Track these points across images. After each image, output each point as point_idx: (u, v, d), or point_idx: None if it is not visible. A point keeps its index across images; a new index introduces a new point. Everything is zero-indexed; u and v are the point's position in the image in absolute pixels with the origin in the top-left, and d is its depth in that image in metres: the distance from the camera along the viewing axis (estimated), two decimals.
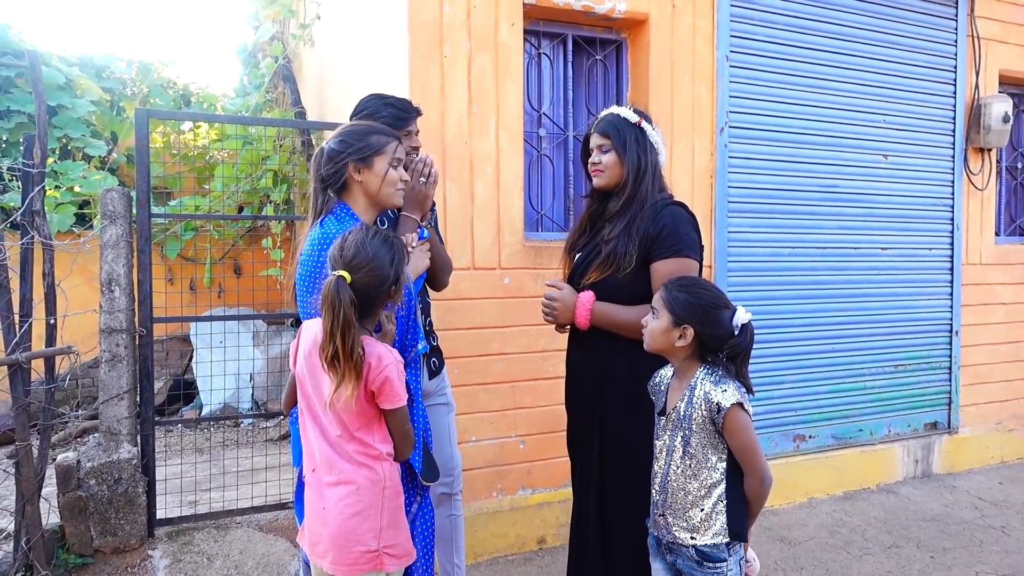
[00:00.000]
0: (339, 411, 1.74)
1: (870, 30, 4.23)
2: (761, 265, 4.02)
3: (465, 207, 3.28)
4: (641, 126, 2.27)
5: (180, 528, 3.23)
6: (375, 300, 1.76)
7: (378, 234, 1.79)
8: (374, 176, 1.98)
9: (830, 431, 4.26)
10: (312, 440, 1.82)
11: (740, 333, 1.86)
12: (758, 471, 1.83)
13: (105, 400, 3.00)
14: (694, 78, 3.78)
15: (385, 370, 1.72)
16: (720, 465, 1.86)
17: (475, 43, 3.27)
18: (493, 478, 3.39)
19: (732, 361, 1.88)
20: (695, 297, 1.86)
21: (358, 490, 1.75)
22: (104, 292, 3.02)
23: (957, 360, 4.65)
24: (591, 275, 2.23)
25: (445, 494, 2.66)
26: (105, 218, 3.00)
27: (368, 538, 1.76)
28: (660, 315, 1.89)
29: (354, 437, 1.76)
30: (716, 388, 1.83)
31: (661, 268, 2.13)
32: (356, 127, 2.02)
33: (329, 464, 1.78)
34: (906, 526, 3.84)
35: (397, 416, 1.80)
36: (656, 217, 2.17)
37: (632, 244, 2.15)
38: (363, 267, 1.71)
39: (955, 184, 4.59)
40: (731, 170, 3.88)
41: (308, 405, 1.82)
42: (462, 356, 3.26)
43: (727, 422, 1.81)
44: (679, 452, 1.88)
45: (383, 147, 1.99)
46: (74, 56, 7.56)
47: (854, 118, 4.23)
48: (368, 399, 1.75)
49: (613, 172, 2.27)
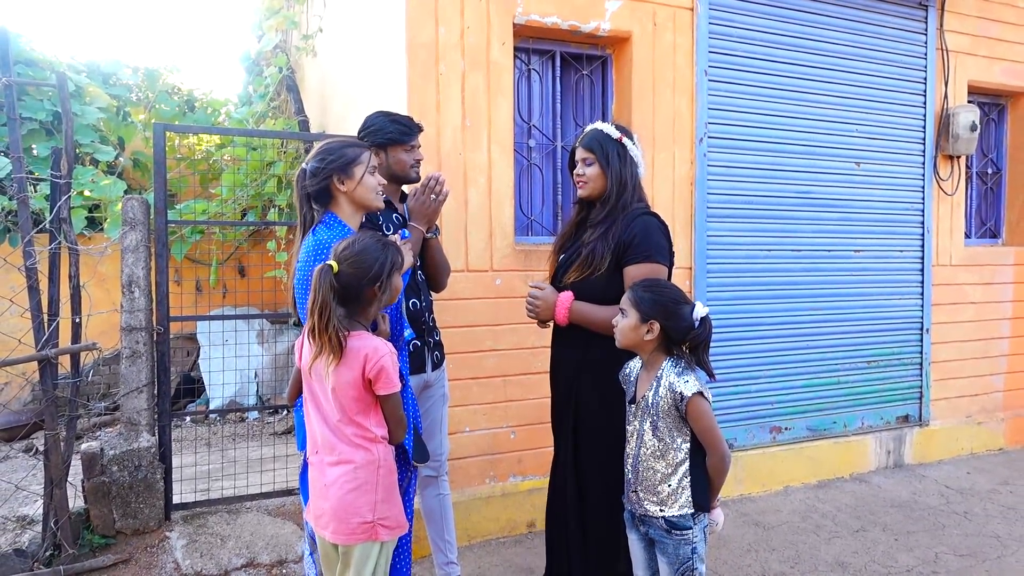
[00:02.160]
0: (340, 398, 1.99)
1: (843, 44, 4.48)
2: (739, 267, 4.27)
3: (459, 214, 3.52)
4: (623, 141, 2.51)
5: (195, 512, 3.47)
6: (358, 291, 1.99)
7: (374, 238, 2.05)
8: (355, 183, 2.23)
9: (805, 423, 4.51)
10: (315, 425, 2.06)
11: (700, 325, 2.11)
12: (718, 449, 2.09)
13: (126, 393, 3.25)
14: (675, 91, 4.02)
15: (381, 360, 1.96)
16: (684, 446, 2.12)
17: (469, 62, 3.51)
18: (486, 466, 3.64)
19: (694, 352, 2.14)
20: (658, 295, 2.12)
21: (356, 468, 1.99)
22: (125, 293, 3.26)
23: (928, 356, 4.89)
24: (571, 275, 2.49)
25: (431, 476, 2.91)
26: (125, 224, 3.24)
27: (364, 511, 2.00)
28: (629, 314, 2.14)
29: (352, 421, 2.00)
30: (680, 379, 2.08)
31: (632, 272, 2.38)
32: (330, 144, 2.27)
33: (330, 446, 2.02)
34: (874, 512, 4.09)
35: (391, 402, 2.03)
36: (630, 225, 2.42)
37: (607, 249, 2.40)
38: (348, 259, 1.97)
39: (925, 190, 4.84)
40: (710, 178, 4.13)
41: (312, 395, 2.07)
42: (457, 352, 3.50)
43: (690, 409, 2.06)
44: (648, 435, 2.13)
45: (359, 157, 2.24)
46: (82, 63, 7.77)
47: (828, 128, 4.48)
48: (365, 387, 1.99)
49: (596, 184, 2.52)
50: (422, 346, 2.76)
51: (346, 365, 1.97)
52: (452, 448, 3.31)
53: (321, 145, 2.28)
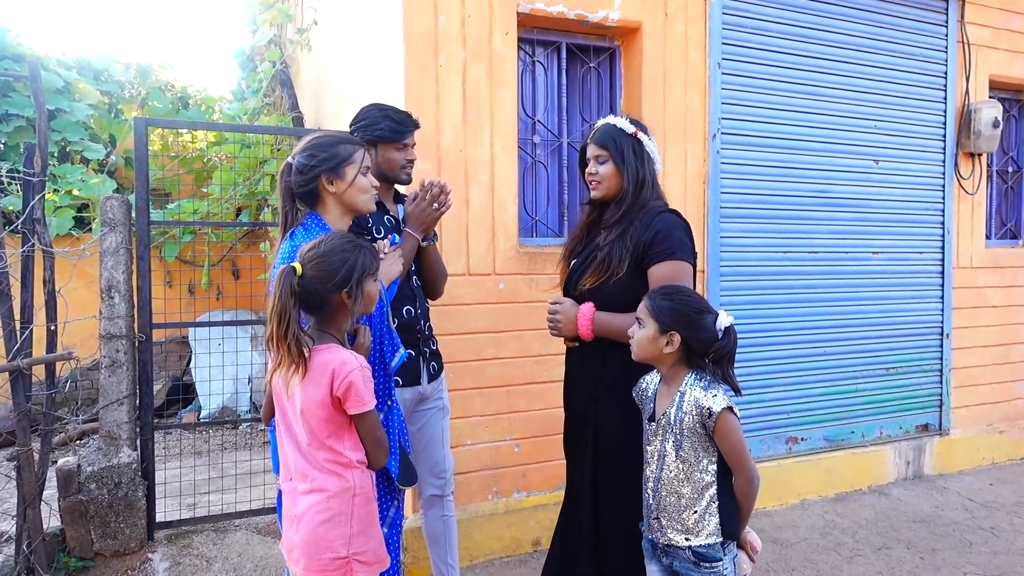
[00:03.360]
0: (308, 419, 1.79)
1: (861, 37, 4.28)
2: (753, 269, 4.07)
3: (460, 214, 3.33)
4: (638, 136, 2.31)
5: (179, 531, 3.27)
6: (322, 297, 1.80)
7: (344, 238, 1.86)
8: (346, 185, 2.03)
9: (822, 433, 4.31)
10: (287, 450, 1.87)
11: (724, 336, 1.92)
12: (746, 470, 1.90)
13: (105, 405, 3.05)
14: (687, 85, 3.82)
15: (349, 375, 1.76)
16: (711, 467, 1.92)
17: (470, 53, 3.31)
18: (488, 481, 3.44)
19: (717, 364, 1.94)
20: (679, 303, 1.92)
21: (328, 498, 1.80)
22: (104, 298, 3.06)
23: (948, 363, 4.70)
24: (586, 280, 2.28)
25: (436, 495, 2.71)
26: (105, 225, 3.04)
27: (337, 544, 1.80)
28: (646, 324, 1.94)
29: (324, 445, 1.80)
30: (706, 393, 1.89)
31: (656, 271, 2.18)
32: (322, 139, 2.06)
33: (303, 473, 1.83)
34: (896, 527, 3.89)
35: (366, 422, 1.83)
36: (650, 224, 2.22)
37: (625, 251, 2.20)
38: (312, 260, 1.79)
39: (946, 188, 4.64)
40: (723, 176, 3.93)
41: (283, 415, 1.87)
42: (457, 361, 3.30)
43: (719, 426, 1.87)
44: (671, 456, 1.93)
45: (351, 156, 2.04)
46: (72, 59, 7.58)
47: (846, 124, 4.28)
48: (335, 406, 1.79)
49: (611, 183, 2.31)
50: (417, 356, 2.56)
51: (312, 382, 1.77)
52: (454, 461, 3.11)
53: (310, 139, 2.07)
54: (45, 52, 7.28)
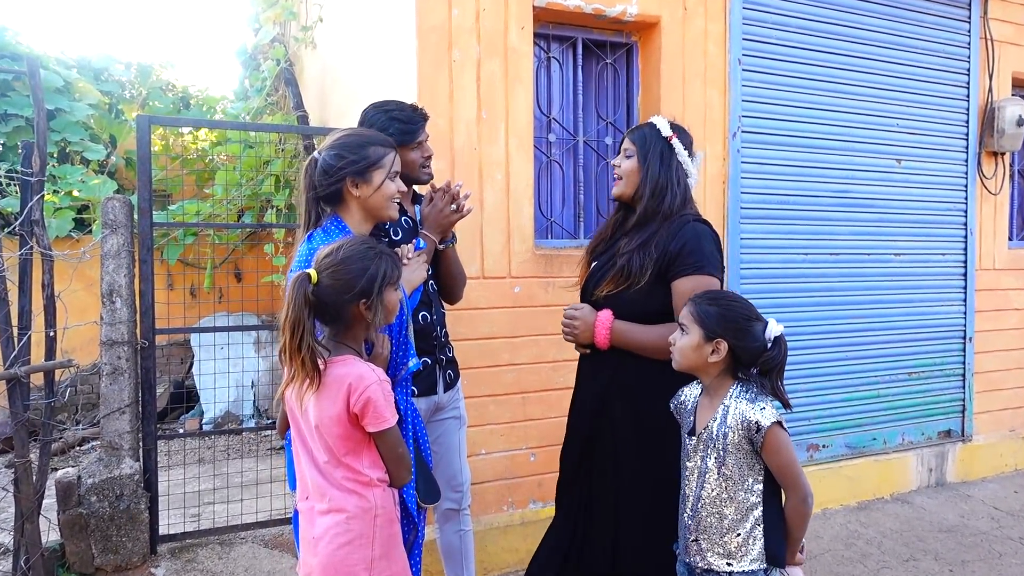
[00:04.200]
0: (324, 435, 1.67)
1: (883, 32, 4.16)
2: (774, 272, 3.95)
3: (474, 215, 3.20)
4: (671, 142, 2.20)
5: (184, 544, 3.15)
6: (338, 306, 1.69)
7: (364, 244, 1.74)
8: (372, 190, 1.91)
9: (844, 440, 4.19)
10: (304, 467, 1.75)
11: (773, 346, 1.80)
12: (800, 489, 1.78)
13: (106, 414, 2.93)
14: (706, 82, 3.70)
15: (367, 390, 1.65)
16: (757, 487, 1.80)
17: (484, 47, 3.20)
18: (503, 491, 3.32)
19: (765, 376, 1.82)
20: (726, 309, 1.80)
21: (348, 519, 1.68)
22: (105, 303, 2.94)
23: (971, 367, 4.58)
24: (604, 287, 2.16)
25: (452, 510, 2.59)
26: (106, 227, 2.92)
27: (359, 569, 1.68)
28: (690, 330, 1.82)
29: (341, 463, 1.69)
30: (753, 406, 1.77)
31: (682, 285, 2.07)
32: (351, 138, 1.94)
33: (320, 492, 1.71)
34: (922, 538, 3.77)
35: (387, 439, 1.72)
36: (678, 234, 2.10)
37: (649, 259, 2.08)
38: (328, 268, 1.68)
39: (968, 188, 4.52)
40: (744, 176, 3.81)
41: (298, 430, 1.75)
42: (471, 367, 3.18)
43: (768, 441, 1.75)
44: (713, 474, 1.81)
45: (381, 160, 1.92)
46: (72, 59, 7.48)
47: (867, 122, 4.16)
48: (352, 422, 1.68)
49: (630, 180, 2.21)
50: (433, 364, 2.44)
51: (328, 397, 1.65)
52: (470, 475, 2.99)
53: (340, 137, 1.94)
54: (45, 51, 7.17)
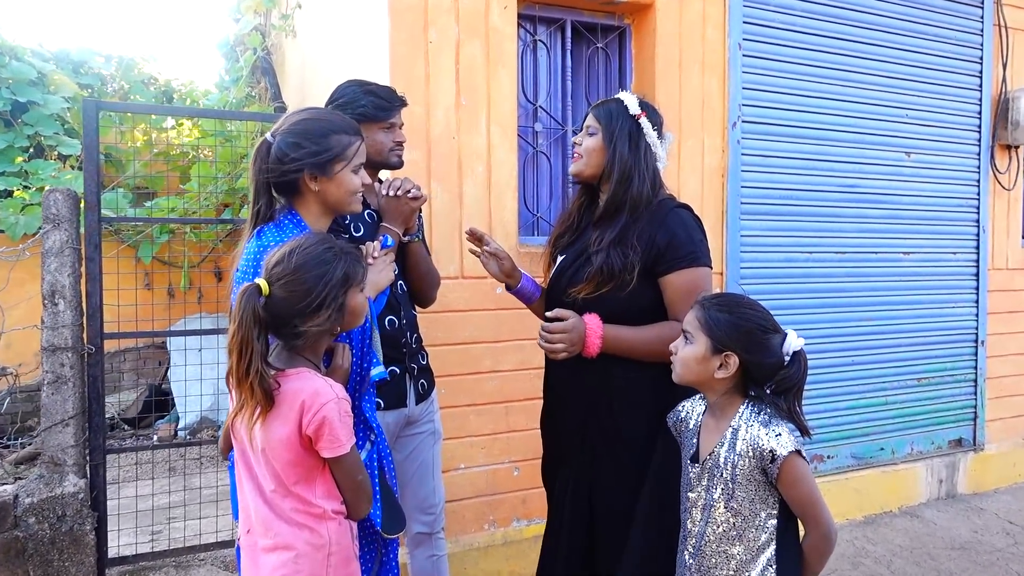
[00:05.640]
0: (272, 460, 1.43)
1: (892, 18, 3.92)
2: (776, 271, 3.71)
3: (453, 210, 2.96)
4: (640, 121, 1.96)
5: (136, 567, 2.90)
6: (293, 321, 1.45)
7: (320, 243, 1.48)
8: (333, 185, 1.66)
9: (850, 450, 3.95)
10: (247, 496, 1.50)
11: (791, 363, 1.55)
12: (823, 524, 1.54)
13: (48, 427, 2.67)
14: (704, 68, 3.46)
15: (323, 409, 1.41)
16: (770, 523, 1.55)
17: (464, 28, 2.95)
18: (484, 509, 3.07)
19: (780, 396, 1.56)
20: (739, 318, 1.55)
21: (297, 558, 1.44)
22: (46, 305, 2.69)
23: (983, 371, 4.34)
24: (582, 288, 1.90)
25: (424, 533, 2.34)
26: (47, 222, 2.67)
27: None
28: (696, 340, 1.57)
29: (291, 492, 1.45)
30: (767, 432, 1.52)
31: (677, 280, 1.85)
32: (312, 123, 1.68)
33: (265, 525, 1.47)
34: (934, 556, 3.52)
35: (344, 466, 1.48)
36: (663, 223, 1.88)
37: (634, 256, 1.85)
38: (282, 278, 1.43)
39: (980, 183, 4.28)
40: (744, 169, 3.57)
41: (242, 453, 1.51)
42: (450, 375, 2.94)
43: (784, 473, 1.50)
44: (719, 508, 1.56)
45: (344, 151, 1.67)
46: (50, 51, 7.24)
47: (875, 112, 3.92)
48: (305, 445, 1.44)
49: (592, 159, 1.98)
50: (402, 373, 2.19)
51: (277, 416, 1.41)
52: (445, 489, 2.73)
53: (299, 120, 1.68)
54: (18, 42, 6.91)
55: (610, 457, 1.92)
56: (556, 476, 2.09)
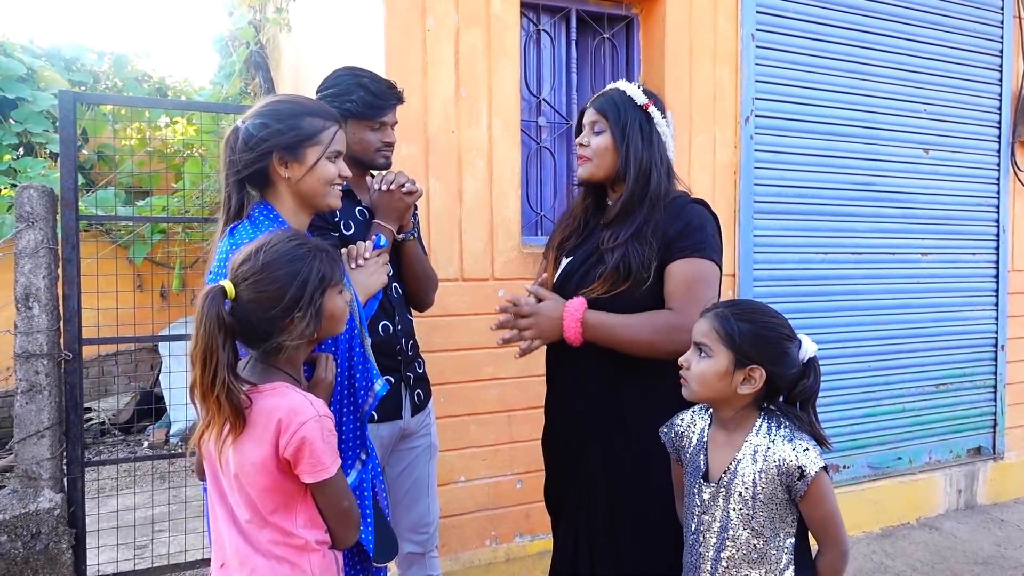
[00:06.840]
0: (246, 487, 1.27)
1: (909, 9, 3.76)
2: (790, 273, 3.55)
3: (452, 208, 2.80)
4: (648, 111, 1.80)
5: None
6: (265, 325, 1.29)
7: (290, 240, 1.33)
8: (303, 171, 1.50)
9: (866, 460, 3.78)
10: (221, 526, 1.35)
11: (808, 371, 1.42)
12: (842, 544, 1.43)
13: (22, 439, 2.52)
14: (715, 60, 3.30)
15: (302, 429, 1.25)
16: (789, 542, 1.43)
17: (463, 15, 2.79)
18: (486, 524, 2.91)
19: (798, 407, 1.43)
20: (763, 327, 1.40)
21: None
22: (20, 309, 2.54)
23: (1003, 377, 4.18)
24: (595, 287, 1.73)
25: (416, 553, 2.18)
26: (21, 221, 2.52)
27: None
28: (715, 353, 1.41)
29: (268, 522, 1.30)
30: (792, 447, 1.38)
31: (677, 268, 1.70)
32: (282, 105, 1.52)
33: (241, 559, 1.31)
34: (956, 571, 3.36)
35: (328, 491, 1.33)
36: (679, 214, 1.74)
37: (650, 251, 1.69)
38: (248, 278, 1.27)
39: (1001, 181, 4.12)
40: (757, 165, 3.41)
41: (214, 478, 1.35)
42: (449, 382, 2.78)
43: (812, 491, 1.38)
44: (739, 529, 1.42)
45: (317, 135, 1.51)
46: (42, 47, 7.10)
47: (892, 107, 3.76)
48: (282, 469, 1.28)
49: (603, 161, 1.81)
50: (398, 383, 2.04)
51: (251, 437, 1.26)
52: (444, 503, 2.59)
53: (268, 103, 1.53)
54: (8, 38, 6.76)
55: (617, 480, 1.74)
56: (560, 504, 1.92)
